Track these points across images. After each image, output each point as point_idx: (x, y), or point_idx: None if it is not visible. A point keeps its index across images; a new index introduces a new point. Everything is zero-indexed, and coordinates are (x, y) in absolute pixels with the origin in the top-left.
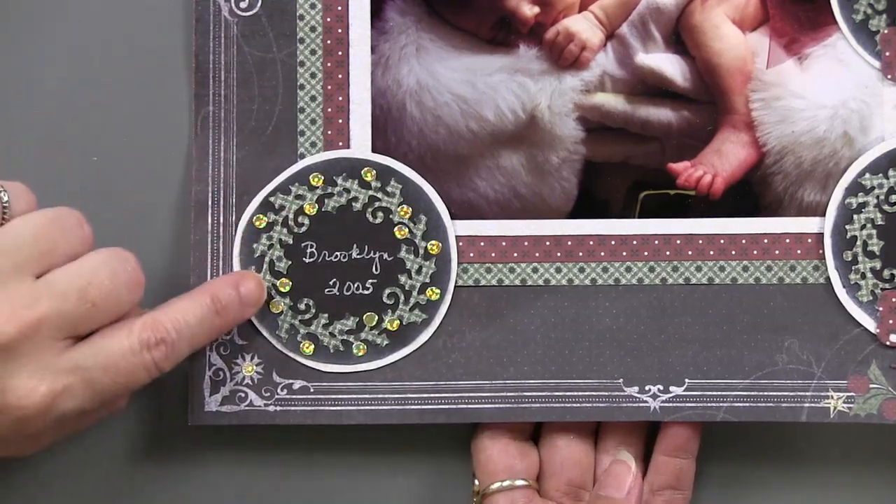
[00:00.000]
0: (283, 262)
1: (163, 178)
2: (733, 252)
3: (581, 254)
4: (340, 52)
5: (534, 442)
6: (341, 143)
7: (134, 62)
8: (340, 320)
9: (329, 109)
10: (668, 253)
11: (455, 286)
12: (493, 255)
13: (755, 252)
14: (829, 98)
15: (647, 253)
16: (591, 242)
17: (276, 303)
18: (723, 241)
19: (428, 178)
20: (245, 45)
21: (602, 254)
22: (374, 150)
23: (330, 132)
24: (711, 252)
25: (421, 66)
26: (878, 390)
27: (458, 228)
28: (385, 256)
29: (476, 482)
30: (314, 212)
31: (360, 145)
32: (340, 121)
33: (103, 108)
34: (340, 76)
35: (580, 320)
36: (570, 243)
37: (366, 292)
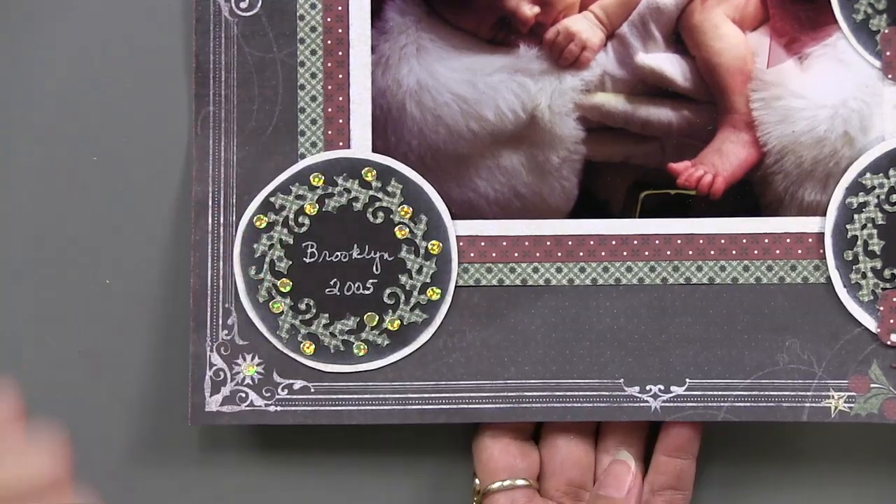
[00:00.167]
0: (283, 262)
1: (163, 178)
2: (734, 252)
3: (582, 254)
4: (341, 52)
5: (535, 442)
6: (342, 143)
7: (134, 62)
8: (341, 320)
9: (329, 109)
10: (669, 253)
11: (456, 286)
12: (494, 254)
13: (756, 252)
14: (829, 98)
15: (647, 253)
16: (592, 242)
17: (277, 303)
18: (723, 240)
19: (428, 178)
20: (245, 46)
21: (603, 253)
22: (375, 150)
23: (330, 132)
24: (712, 252)
25: (421, 66)
26: (879, 390)
27: (458, 228)
28: (385, 256)
29: (476, 481)
30: (315, 212)
31: (361, 145)
32: (341, 121)
33: (103, 108)
34: (341, 76)
35: (581, 320)
36: (570, 243)
37: (366, 292)
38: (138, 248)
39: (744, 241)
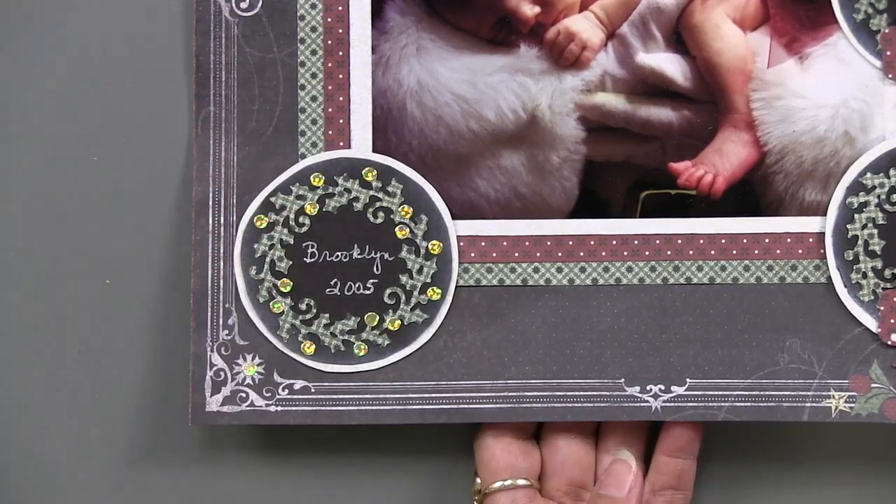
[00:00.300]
0: (284, 262)
1: (163, 178)
2: (734, 252)
3: (582, 253)
4: (341, 53)
5: (536, 441)
6: (342, 143)
7: (134, 62)
8: (341, 320)
9: (330, 109)
10: (670, 253)
11: (456, 286)
12: (494, 254)
13: (756, 252)
14: (829, 97)
15: (648, 253)
16: (592, 242)
17: (277, 303)
18: (724, 240)
19: (429, 178)
20: (246, 46)
21: (603, 253)
22: (375, 150)
23: (331, 132)
24: (712, 252)
25: (421, 65)
26: (880, 390)
27: (459, 228)
28: (386, 256)
29: (478, 480)
30: (315, 212)
31: (361, 145)
32: (341, 121)
33: (103, 108)
34: (341, 76)
35: (581, 320)
36: (571, 243)
37: (367, 292)
38: (138, 248)
39: (744, 240)
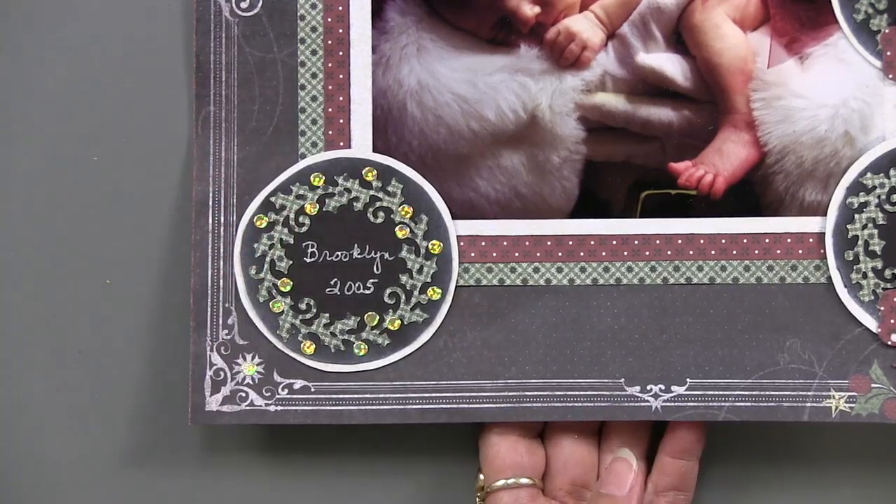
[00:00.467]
0: (283, 262)
1: (163, 178)
2: (734, 252)
3: (582, 253)
4: (341, 53)
5: (541, 440)
6: (342, 143)
7: (134, 62)
8: (341, 320)
9: (330, 109)
10: (670, 253)
11: (456, 286)
12: (495, 254)
13: (756, 252)
14: (830, 97)
15: (648, 253)
16: (593, 242)
17: (277, 302)
18: (724, 240)
19: (429, 178)
20: (246, 46)
21: (603, 253)
22: (375, 150)
23: (331, 132)
24: (713, 252)
25: (422, 65)
26: (880, 390)
27: (459, 228)
28: (386, 256)
29: (481, 477)
30: (315, 211)
31: (361, 145)
32: (341, 121)
33: (103, 108)
34: (341, 76)
35: (581, 320)
36: (571, 243)
37: (367, 292)
38: (138, 248)
39: (744, 241)
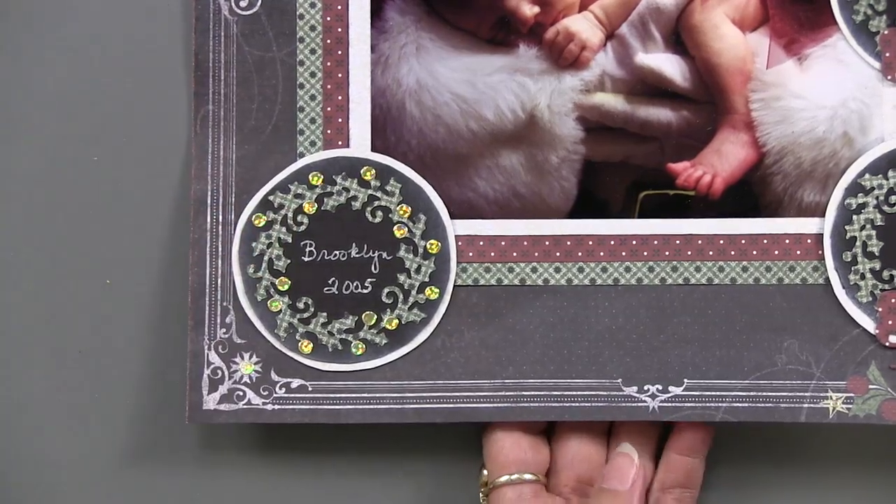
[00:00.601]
0: (282, 261)
1: (163, 178)
2: (732, 252)
3: (580, 254)
4: (340, 52)
5: (545, 437)
6: (341, 142)
7: (134, 61)
8: (339, 319)
9: (328, 108)
10: (668, 253)
11: (454, 285)
12: (493, 254)
13: (754, 252)
14: (828, 98)
15: (646, 253)
16: (591, 242)
17: (275, 301)
18: (722, 241)
19: (427, 178)
20: (245, 44)
21: (601, 254)
22: (374, 150)
23: (329, 131)
24: (711, 252)
25: (421, 65)
26: (877, 391)
27: (457, 228)
28: (384, 255)
29: (484, 472)
30: (313, 211)
31: (360, 144)
32: (340, 120)
33: (103, 108)
34: (340, 75)
35: (579, 320)
36: (569, 243)
37: (365, 291)
38: (139, 247)
39: (742, 241)
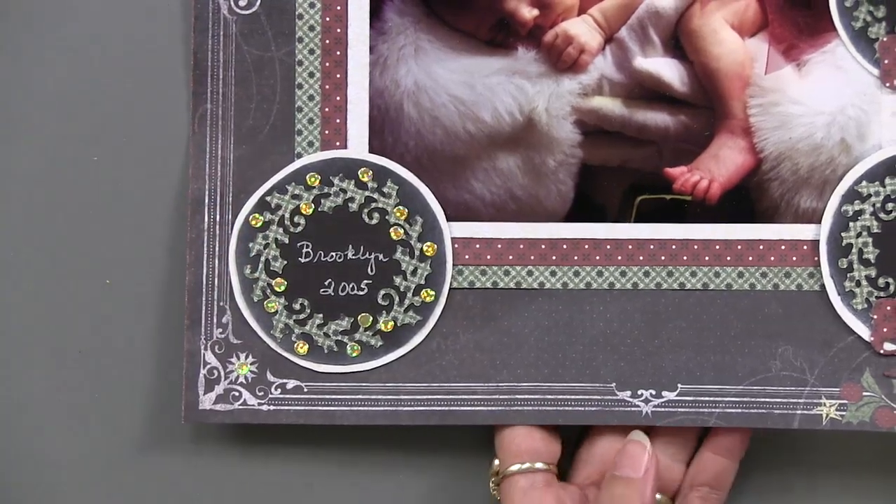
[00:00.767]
0: (278, 262)
1: (163, 178)
2: (728, 258)
3: (576, 257)
4: (339, 52)
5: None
6: (338, 143)
7: (133, 61)
8: (335, 321)
9: (327, 109)
10: (664, 258)
11: (450, 288)
12: (489, 257)
13: (750, 258)
14: (827, 105)
15: (642, 257)
16: (587, 246)
17: (272, 302)
18: (718, 246)
19: (424, 179)
20: (244, 44)
21: (597, 258)
22: (371, 151)
23: (327, 132)
24: (706, 257)
25: (419, 66)
26: (871, 398)
27: (453, 230)
28: (380, 257)
29: (496, 462)
30: (310, 212)
31: (358, 145)
32: (338, 120)
33: (103, 108)
34: (338, 76)
35: (574, 324)
36: (565, 247)
37: (361, 293)
38: (138, 247)
39: (739, 247)
